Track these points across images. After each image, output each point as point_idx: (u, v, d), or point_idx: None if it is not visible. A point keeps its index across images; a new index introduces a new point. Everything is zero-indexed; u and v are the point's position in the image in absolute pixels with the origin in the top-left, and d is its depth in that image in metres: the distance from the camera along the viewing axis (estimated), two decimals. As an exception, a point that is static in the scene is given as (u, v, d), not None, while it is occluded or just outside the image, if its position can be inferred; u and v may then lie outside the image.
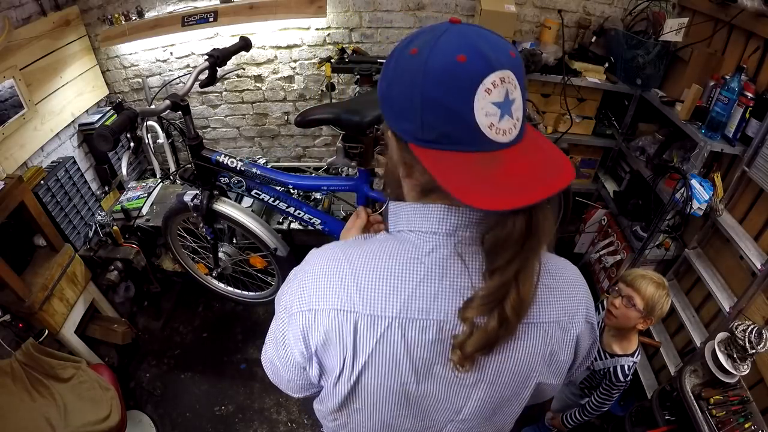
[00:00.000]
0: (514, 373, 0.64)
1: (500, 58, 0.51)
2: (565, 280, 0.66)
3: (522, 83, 0.53)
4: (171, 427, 2.12)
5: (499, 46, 0.52)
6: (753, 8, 1.69)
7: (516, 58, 0.53)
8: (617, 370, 1.51)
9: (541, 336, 0.63)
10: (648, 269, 1.53)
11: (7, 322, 1.78)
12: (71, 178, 2.19)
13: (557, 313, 0.63)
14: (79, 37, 2.35)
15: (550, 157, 0.56)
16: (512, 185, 0.50)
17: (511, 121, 0.52)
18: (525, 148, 0.54)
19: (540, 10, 2.43)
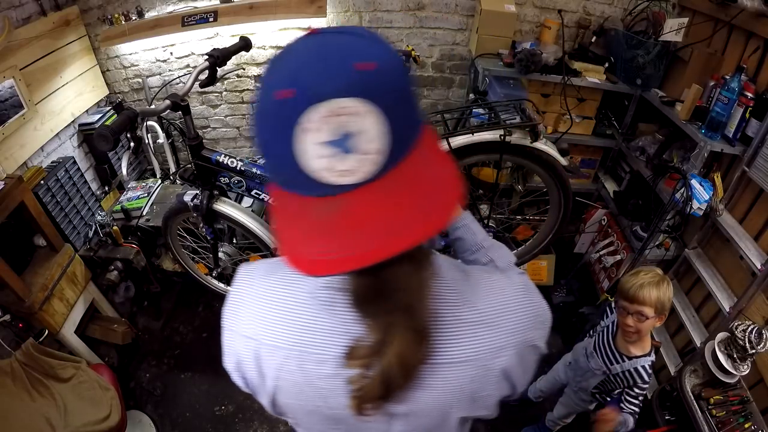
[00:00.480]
0: (431, 410, 0.59)
1: (329, 84, 0.40)
2: (494, 310, 0.58)
3: (382, 103, 0.41)
4: (171, 427, 2.12)
5: (335, 65, 0.41)
6: (753, 8, 1.69)
7: (367, 73, 0.41)
8: (641, 371, 1.48)
9: (456, 376, 0.57)
10: (639, 270, 1.48)
11: (7, 322, 1.78)
12: (71, 178, 2.18)
13: (476, 350, 0.56)
14: (79, 37, 2.34)
15: (424, 193, 0.44)
16: (351, 238, 0.42)
17: (358, 158, 0.41)
18: (384, 187, 0.43)
19: (540, 10, 2.43)
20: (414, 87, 0.46)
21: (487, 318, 0.57)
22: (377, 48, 0.44)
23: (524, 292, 0.62)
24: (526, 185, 2.29)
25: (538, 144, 1.61)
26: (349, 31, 0.45)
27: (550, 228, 1.96)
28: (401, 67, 0.44)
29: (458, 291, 0.58)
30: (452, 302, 0.57)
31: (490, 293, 0.59)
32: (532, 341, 0.61)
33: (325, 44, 0.44)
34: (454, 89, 2.76)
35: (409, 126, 0.45)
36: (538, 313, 0.62)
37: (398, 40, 2.53)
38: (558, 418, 1.96)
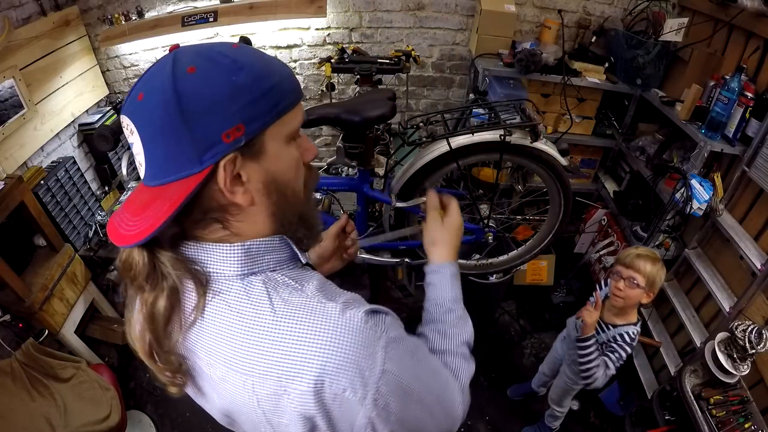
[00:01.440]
0: (242, 415, 0.59)
1: (129, 102, 0.53)
2: (295, 332, 0.52)
3: (145, 130, 0.51)
4: (171, 427, 2.12)
5: (138, 90, 0.52)
6: (753, 8, 1.69)
7: (141, 102, 0.51)
8: (623, 334, 1.57)
9: (244, 387, 0.54)
10: (639, 246, 1.64)
11: (7, 322, 1.78)
12: (71, 178, 2.18)
13: (263, 367, 0.52)
14: (79, 37, 2.34)
15: (140, 206, 0.53)
16: (115, 218, 0.55)
17: (139, 160, 0.53)
18: (145, 190, 0.54)
19: (540, 10, 2.43)
20: (184, 125, 0.49)
21: (287, 338, 0.52)
22: (155, 81, 0.51)
23: (333, 330, 0.53)
24: (526, 185, 2.29)
25: (538, 144, 1.61)
26: (176, 58, 0.52)
27: (550, 228, 1.96)
28: (165, 106, 0.49)
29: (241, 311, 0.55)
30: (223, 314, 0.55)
31: (300, 314, 0.54)
32: (345, 393, 0.51)
33: (151, 69, 0.53)
34: (454, 89, 2.76)
35: (168, 154, 0.51)
36: (341, 361, 0.51)
37: (398, 40, 2.53)
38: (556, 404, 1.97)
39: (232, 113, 0.50)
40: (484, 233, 1.89)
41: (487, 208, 1.91)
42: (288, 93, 0.55)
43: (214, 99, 0.49)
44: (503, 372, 2.42)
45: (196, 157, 0.50)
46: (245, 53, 0.53)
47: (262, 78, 0.52)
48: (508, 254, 2.10)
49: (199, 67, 0.50)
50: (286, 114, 0.55)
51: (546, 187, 1.84)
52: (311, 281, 0.59)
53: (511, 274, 2.42)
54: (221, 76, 0.50)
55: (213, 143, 0.50)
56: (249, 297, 0.55)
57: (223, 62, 0.51)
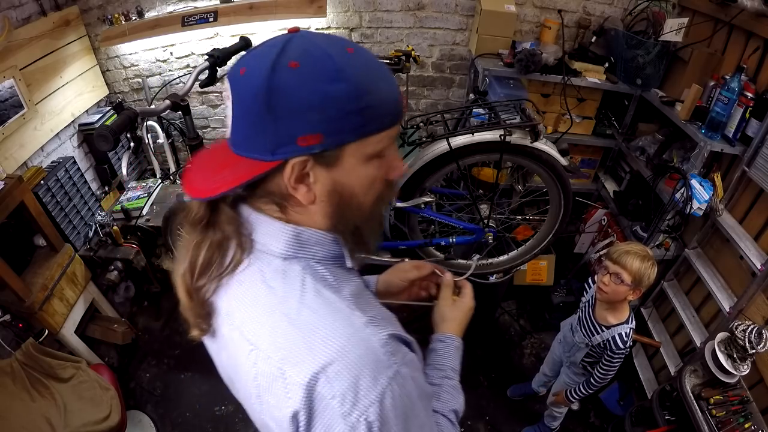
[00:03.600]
0: (239, 382, 0.62)
1: (233, 70, 0.54)
2: (312, 325, 0.54)
3: (237, 104, 0.53)
4: (171, 427, 2.12)
5: (245, 63, 0.54)
6: (753, 8, 1.69)
7: (241, 77, 0.52)
8: (616, 339, 1.57)
9: (248, 357, 0.56)
10: (632, 242, 1.62)
11: (7, 322, 1.78)
12: (71, 178, 2.18)
13: (270, 345, 0.54)
14: (79, 37, 2.34)
15: (218, 164, 0.57)
16: (194, 169, 0.60)
17: (227, 123, 0.56)
18: (224, 150, 0.57)
19: (540, 10, 2.43)
20: (268, 116, 0.51)
21: (299, 322, 0.54)
22: (259, 61, 0.51)
23: (341, 328, 0.54)
24: (526, 185, 2.29)
25: (538, 144, 1.61)
26: (281, 43, 0.52)
27: (550, 228, 1.96)
28: (256, 93, 0.50)
29: (273, 287, 0.57)
30: (259, 290, 0.58)
31: (316, 306, 0.55)
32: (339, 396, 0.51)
33: (266, 43, 0.54)
34: (454, 89, 2.76)
35: (249, 134, 0.53)
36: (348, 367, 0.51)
37: (398, 40, 2.53)
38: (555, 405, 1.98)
39: (316, 121, 0.50)
40: (484, 233, 1.89)
41: (487, 208, 1.91)
42: (381, 117, 0.54)
43: (302, 102, 0.49)
44: (503, 372, 2.41)
45: (270, 148, 0.52)
46: (357, 63, 0.52)
47: (359, 96, 0.51)
48: (508, 254, 2.11)
49: (302, 64, 0.49)
50: (373, 136, 0.54)
51: (546, 187, 1.84)
52: (350, 284, 0.60)
53: (511, 274, 2.42)
54: (318, 81, 0.49)
55: (289, 142, 0.51)
56: (285, 277, 0.57)
57: (327, 67, 0.50)
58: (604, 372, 1.63)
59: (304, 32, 0.54)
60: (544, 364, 2.11)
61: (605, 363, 1.62)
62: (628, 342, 1.57)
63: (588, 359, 1.73)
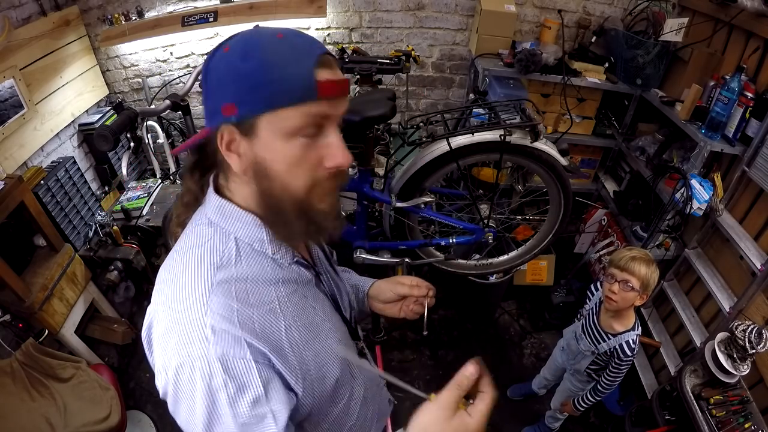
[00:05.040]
0: None
1: None
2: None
3: (206, 68, 0.61)
4: (171, 427, 2.11)
5: None
6: (753, 8, 1.69)
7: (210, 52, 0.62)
8: (623, 346, 1.56)
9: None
10: (632, 248, 1.59)
11: (7, 322, 1.78)
12: (71, 178, 2.18)
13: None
14: (79, 37, 2.34)
15: None
16: None
17: None
18: None
19: (540, 10, 2.43)
20: (206, 92, 0.61)
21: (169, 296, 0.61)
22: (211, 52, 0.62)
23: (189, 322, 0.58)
24: (526, 185, 2.29)
25: (538, 144, 1.61)
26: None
27: (550, 228, 1.96)
28: (202, 73, 0.62)
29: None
30: None
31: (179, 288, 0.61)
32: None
33: None
34: (454, 89, 2.76)
35: (204, 109, 0.63)
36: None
37: (398, 40, 2.53)
38: (557, 410, 1.97)
39: (230, 92, 0.57)
40: (484, 233, 1.89)
41: (487, 208, 1.91)
42: (289, 91, 0.57)
43: (220, 78, 0.58)
44: (503, 372, 2.41)
45: (208, 117, 0.62)
46: (276, 46, 0.57)
47: (264, 71, 0.56)
48: (508, 254, 2.11)
49: (231, 48, 0.58)
50: (282, 109, 0.57)
51: (546, 187, 1.84)
52: (245, 269, 0.63)
53: (511, 274, 2.42)
54: (234, 60, 0.57)
55: (216, 112, 0.59)
56: (194, 237, 0.65)
57: (245, 48, 0.57)
58: (612, 379, 1.62)
59: (258, 28, 0.62)
60: (545, 369, 2.10)
61: (612, 370, 1.60)
62: (636, 348, 1.56)
63: (593, 366, 1.72)
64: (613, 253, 1.71)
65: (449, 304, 2.68)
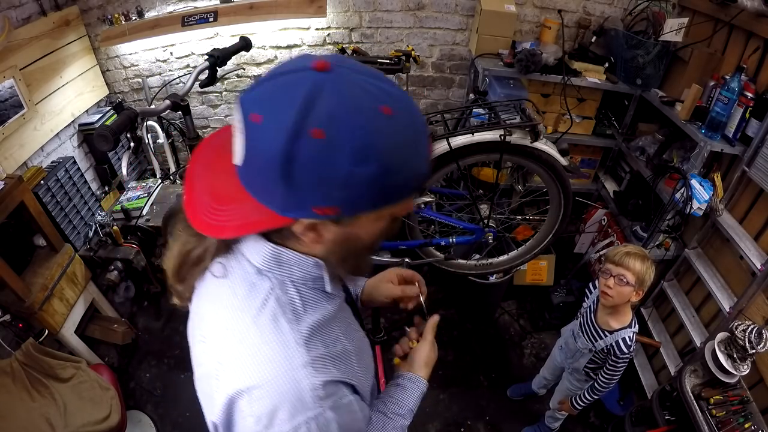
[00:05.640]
0: (198, 363, 0.65)
1: (246, 113, 0.48)
2: (255, 348, 0.56)
3: (249, 151, 0.48)
4: (171, 427, 2.12)
5: (259, 107, 0.48)
6: (753, 8, 1.69)
7: (255, 125, 0.46)
8: (620, 343, 1.56)
9: (198, 346, 0.63)
10: (628, 244, 1.60)
11: (7, 322, 1.78)
12: (71, 178, 2.18)
13: (215, 346, 0.59)
14: (79, 37, 2.34)
15: (227, 194, 0.53)
16: (195, 195, 0.57)
17: (235, 147, 0.50)
18: (229, 174, 0.53)
19: (540, 10, 2.43)
20: (283, 182, 0.46)
21: (232, 336, 0.57)
22: (278, 114, 0.45)
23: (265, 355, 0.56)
24: (526, 185, 2.29)
25: (538, 144, 1.61)
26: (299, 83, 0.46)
27: (550, 228, 1.96)
28: (271, 157, 0.45)
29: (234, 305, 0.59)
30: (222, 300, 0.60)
31: (245, 324, 0.57)
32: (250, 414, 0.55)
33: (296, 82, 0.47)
34: (454, 89, 2.76)
35: (262, 183, 0.49)
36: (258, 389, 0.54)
37: (398, 40, 2.53)
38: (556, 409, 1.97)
39: (335, 197, 0.47)
40: (484, 233, 1.89)
41: (487, 208, 1.91)
42: (407, 191, 0.52)
43: (322, 178, 0.45)
44: (503, 372, 2.41)
45: (282, 207, 0.49)
46: (391, 133, 0.46)
47: (387, 176, 0.46)
48: (508, 254, 2.11)
49: (328, 136, 0.43)
50: (394, 205, 0.52)
51: (546, 187, 1.84)
52: (317, 312, 0.60)
53: (511, 274, 2.42)
54: (344, 160, 0.44)
55: (302, 208, 0.48)
56: (250, 290, 0.58)
57: (355, 143, 0.44)
58: (609, 377, 1.62)
59: (335, 77, 0.45)
60: (544, 368, 2.10)
61: (609, 368, 1.61)
62: (632, 346, 1.56)
63: (591, 365, 1.72)
64: (609, 249, 1.72)
65: (449, 304, 2.68)
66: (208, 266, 0.63)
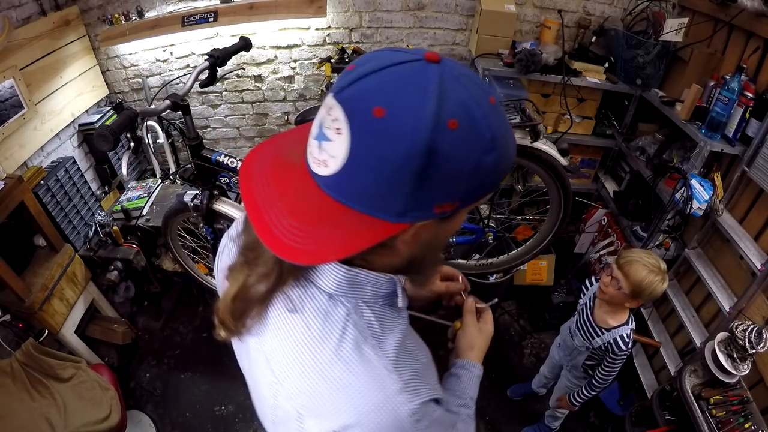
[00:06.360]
0: (259, 400, 0.62)
1: (358, 108, 0.42)
2: (343, 383, 0.51)
3: (364, 155, 0.42)
4: (171, 427, 2.12)
5: (379, 100, 0.42)
6: (753, 8, 1.69)
7: (378, 120, 0.41)
8: (617, 341, 1.56)
9: (270, 385, 0.57)
10: (647, 253, 1.54)
11: (7, 322, 1.78)
12: (71, 178, 2.18)
13: (295, 388, 0.53)
14: (79, 37, 2.34)
15: (310, 212, 0.46)
16: (269, 198, 0.48)
17: (324, 158, 0.44)
18: (322, 198, 0.46)
19: (540, 10, 2.43)
20: (414, 182, 0.42)
21: (331, 378, 0.52)
22: (410, 109, 0.41)
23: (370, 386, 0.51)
24: (526, 185, 2.29)
25: (538, 144, 1.61)
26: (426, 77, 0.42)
27: (550, 228, 1.96)
28: (410, 155, 0.41)
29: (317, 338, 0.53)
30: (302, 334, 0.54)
31: (349, 359, 0.52)
32: None
33: (417, 74, 0.43)
34: (454, 89, 2.76)
35: (377, 192, 0.43)
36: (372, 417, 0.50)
37: (398, 40, 2.53)
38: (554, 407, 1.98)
39: (461, 191, 0.45)
40: (484, 233, 1.89)
41: (487, 208, 1.91)
42: (503, 178, 0.50)
43: (454, 172, 0.42)
44: (503, 372, 2.41)
45: (400, 211, 0.44)
46: (500, 122, 0.45)
47: (500, 164, 0.45)
48: (508, 254, 2.11)
49: (461, 125, 0.41)
50: (490, 195, 0.51)
51: (546, 187, 1.84)
52: (394, 333, 0.56)
53: (511, 274, 2.42)
54: (476, 150, 0.43)
55: (423, 208, 0.44)
56: (326, 319, 0.53)
57: (484, 132, 0.43)
58: (606, 374, 1.63)
59: (449, 69, 0.43)
60: (544, 366, 2.11)
61: (607, 365, 1.61)
62: (630, 343, 1.57)
63: (589, 362, 1.73)
64: (627, 249, 1.70)
65: (449, 304, 2.68)
66: (272, 301, 0.56)
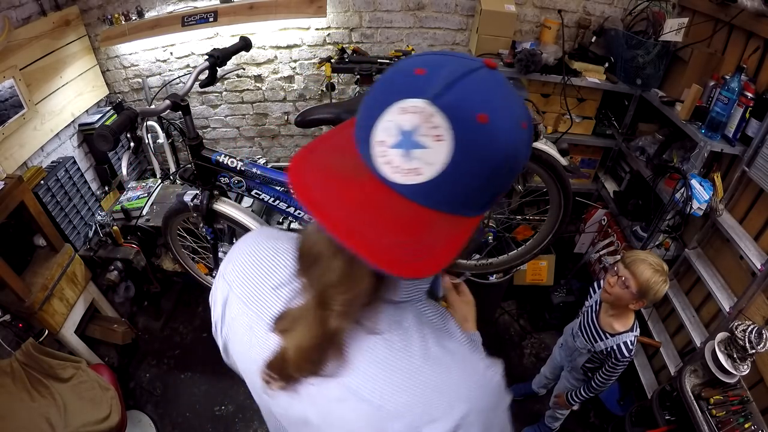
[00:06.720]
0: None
1: (461, 116, 0.42)
2: (445, 378, 0.52)
3: (473, 153, 0.42)
4: (171, 427, 2.12)
5: (479, 107, 0.43)
6: (753, 8, 1.69)
7: (481, 126, 0.42)
8: (621, 347, 1.56)
9: (367, 417, 0.52)
10: (650, 254, 1.56)
11: (7, 322, 1.79)
12: (71, 178, 2.18)
13: (401, 405, 0.51)
14: (79, 37, 2.34)
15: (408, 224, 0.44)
16: (342, 206, 0.44)
17: (416, 165, 0.43)
18: (407, 204, 0.44)
19: (540, 10, 2.43)
20: (506, 174, 0.46)
21: (430, 377, 0.51)
22: (505, 111, 0.44)
23: (470, 373, 0.54)
24: (526, 185, 2.29)
25: (538, 144, 1.61)
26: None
27: (550, 228, 1.95)
28: (506, 149, 0.44)
29: (406, 342, 0.53)
30: (391, 343, 0.52)
31: (447, 352, 0.53)
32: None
33: (492, 80, 0.46)
34: (454, 89, 2.75)
35: (470, 194, 0.45)
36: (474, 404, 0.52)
37: (398, 40, 2.53)
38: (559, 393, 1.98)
39: (508, 183, 0.49)
40: (484, 233, 1.89)
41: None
42: None
43: (521, 164, 0.47)
44: (503, 372, 2.41)
45: (481, 206, 0.47)
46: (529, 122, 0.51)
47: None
48: (508, 254, 2.10)
49: (528, 126, 0.47)
50: None
51: (546, 187, 1.84)
52: (448, 320, 0.58)
53: (511, 274, 2.42)
54: (530, 143, 0.49)
55: (492, 201, 0.48)
56: (401, 329, 0.53)
57: (532, 131, 0.49)
58: (606, 378, 1.63)
59: (501, 74, 0.48)
60: (545, 367, 2.11)
61: (608, 370, 1.61)
62: (633, 350, 1.56)
63: (589, 365, 1.73)
64: (629, 250, 1.68)
65: (449, 304, 2.68)
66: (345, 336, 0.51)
